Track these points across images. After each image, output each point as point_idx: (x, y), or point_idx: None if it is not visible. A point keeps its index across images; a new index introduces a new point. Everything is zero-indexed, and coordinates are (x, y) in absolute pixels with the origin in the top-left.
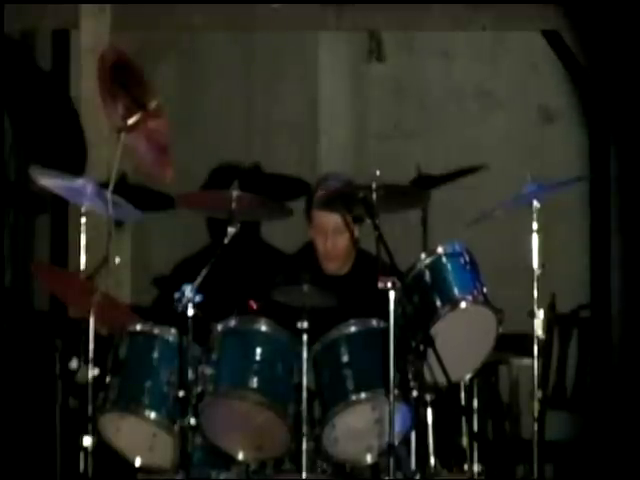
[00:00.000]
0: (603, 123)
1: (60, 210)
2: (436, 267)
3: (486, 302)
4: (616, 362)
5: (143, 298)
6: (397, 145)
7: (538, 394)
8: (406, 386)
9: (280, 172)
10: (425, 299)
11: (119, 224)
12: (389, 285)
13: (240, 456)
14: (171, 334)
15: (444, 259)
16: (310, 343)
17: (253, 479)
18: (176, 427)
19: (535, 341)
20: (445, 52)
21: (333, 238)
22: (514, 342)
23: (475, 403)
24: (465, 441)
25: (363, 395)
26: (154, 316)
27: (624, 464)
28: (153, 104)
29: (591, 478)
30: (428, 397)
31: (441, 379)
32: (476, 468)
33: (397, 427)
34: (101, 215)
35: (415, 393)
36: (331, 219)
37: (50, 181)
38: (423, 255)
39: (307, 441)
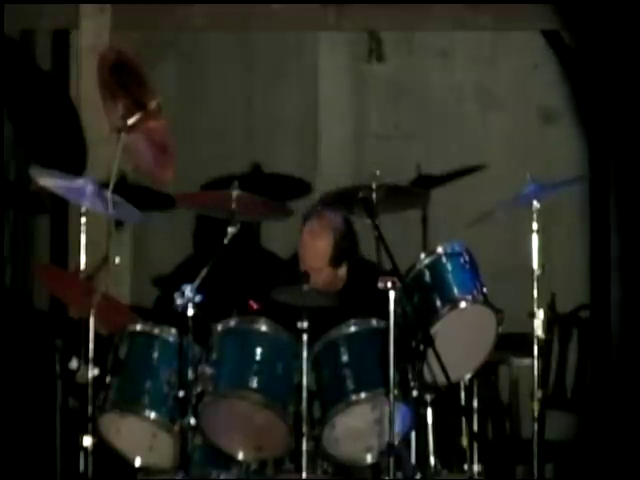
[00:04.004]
0: (603, 123)
1: (60, 210)
2: (436, 267)
3: (486, 302)
4: (616, 362)
5: (143, 298)
6: (397, 145)
7: (538, 394)
8: (406, 386)
9: (280, 172)
10: (425, 299)
11: (119, 224)
12: (389, 285)
13: (240, 456)
14: (171, 334)
15: (444, 259)
16: (310, 343)
17: (253, 479)
18: (176, 427)
19: (535, 341)
20: (445, 52)
21: (316, 275)
22: (514, 342)
23: (475, 403)
24: (465, 441)
25: (363, 395)
26: (154, 316)
27: (624, 464)
28: (153, 104)
29: (591, 478)
30: (428, 397)
31: (441, 379)
32: (476, 468)
33: (397, 427)
34: (101, 215)
35: (415, 393)
36: (311, 258)
37: (50, 181)
38: (423, 255)
39: (307, 441)
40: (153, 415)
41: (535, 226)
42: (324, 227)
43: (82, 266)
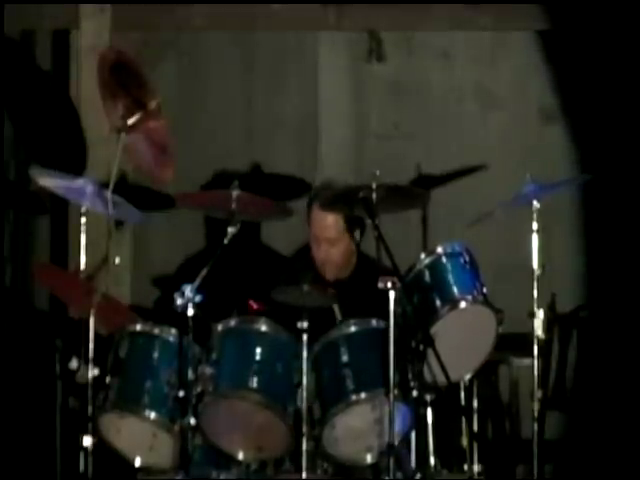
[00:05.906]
0: (602, 123)
1: (60, 210)
2: (436, 267)
3: (486, 302)
4: (616, 362)
5: (143, 298)
6: (397, 145)
7: (538, 394)
8: (406, 386)
9: (280, 172)
10: (425, 299)
11: (119, 224)
12: (389, 285)
13: (240, 456)
14: (171, 334)
15: (444, 259)
16: (310, 343)
17: (253, 479)
18: (176, 427)
19: (535, 341)
20: (445, 52)
21: (327, 248)
22: (514, 342)
23: (475, 403)
24: (465, 441)
25: (363, 395)
26: (154, 316)
27: (624, 464)
28: (153, 104)
29: (591, 478)
30: (428, 397)
31: (441, 379)
32: (476, 468)
33: (397, 427)
34: (101, 215)
35: (415, 393)
36: (325, 230)
37: (50, 181)
38: (423, 255)
39: (307, 441)
40: (153, 415)
41: (535, 226)
42: (341, 230)
43: (82, 266)
